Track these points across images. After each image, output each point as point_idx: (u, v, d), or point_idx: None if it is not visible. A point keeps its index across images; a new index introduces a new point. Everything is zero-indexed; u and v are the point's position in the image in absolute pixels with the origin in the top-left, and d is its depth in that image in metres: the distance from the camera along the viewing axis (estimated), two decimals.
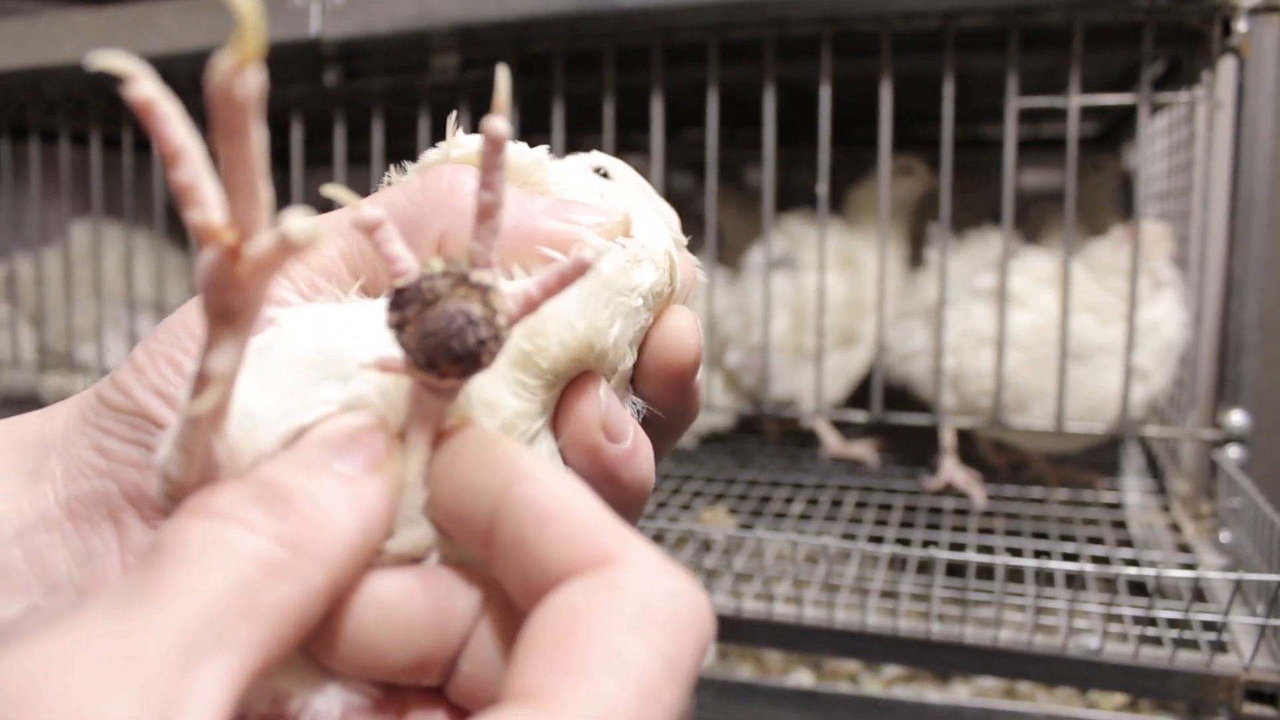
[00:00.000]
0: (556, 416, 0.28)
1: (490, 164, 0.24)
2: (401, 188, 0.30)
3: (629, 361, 0.30)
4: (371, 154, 1.04)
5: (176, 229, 1.29)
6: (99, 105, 1.16)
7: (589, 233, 0.29)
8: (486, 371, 0.24)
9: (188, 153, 0.21)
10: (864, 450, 1.18)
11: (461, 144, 0.33)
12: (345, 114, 1.06)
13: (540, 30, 0.93)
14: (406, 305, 0.23)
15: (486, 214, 0.24)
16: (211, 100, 0.20)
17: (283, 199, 1.27)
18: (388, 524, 0.23)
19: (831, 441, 1.21)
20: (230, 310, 0.21)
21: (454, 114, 0.32)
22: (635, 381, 0.31)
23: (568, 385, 0.28)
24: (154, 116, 0.21)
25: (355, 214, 0.24)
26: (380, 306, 0.25)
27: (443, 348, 0.23)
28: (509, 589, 0.23)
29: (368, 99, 1.03)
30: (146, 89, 0.20)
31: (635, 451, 0.29)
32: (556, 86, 0.97)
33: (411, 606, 0.23)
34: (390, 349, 0.24)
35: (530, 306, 0.25)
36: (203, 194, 0.21)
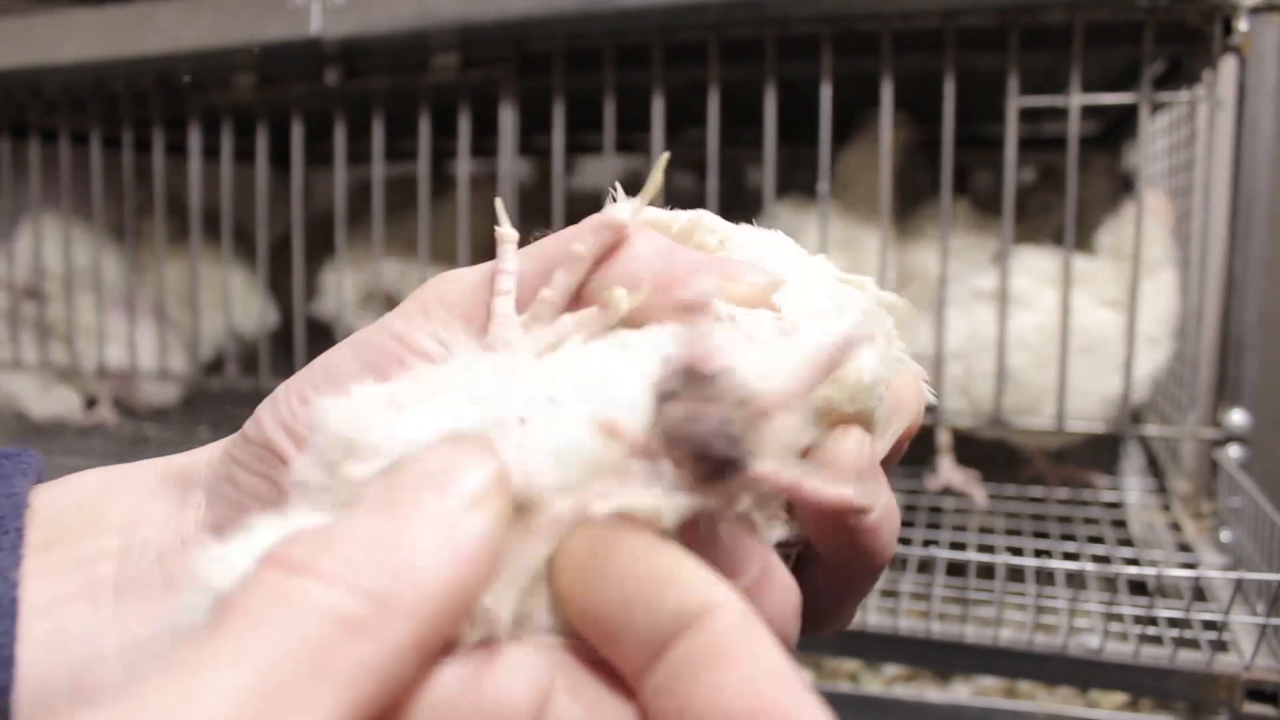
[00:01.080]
0: None
1: (839, 352, 0.22)
2: (554, 239, 0.29)
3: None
4: (372, 153, 1.05)
5: (177, 225, 1.29)
6: (99, 105, 1.16)
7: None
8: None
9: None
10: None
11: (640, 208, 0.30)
12: (346, 113, 1.06)
13: (541, 29, 0.93)
14: (690, 386, 0.21)
15: (825, 366, 0.23)
16: None
17: (283, 198, 1.28)
18: (489, 569, 0.20)
19: None
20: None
21: (616, 184, 0.30)
22: (794, 510, 0.26)
23: None
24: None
25: (683, 292, 0.23)
26: (636, 364, 0.24)
27: (700, 440, 0.21)
28: (640, 698, 0.21)
29: (368, 98, 1.03)
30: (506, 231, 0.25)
31: (755, 596, 0.23)
32: (557, 86, 0.97)
33: (469, 704, 0.20)
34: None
35: (791, 493, 0.23)
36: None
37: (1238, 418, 0.86)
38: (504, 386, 0.24)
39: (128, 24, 1.03)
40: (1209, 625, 0.69)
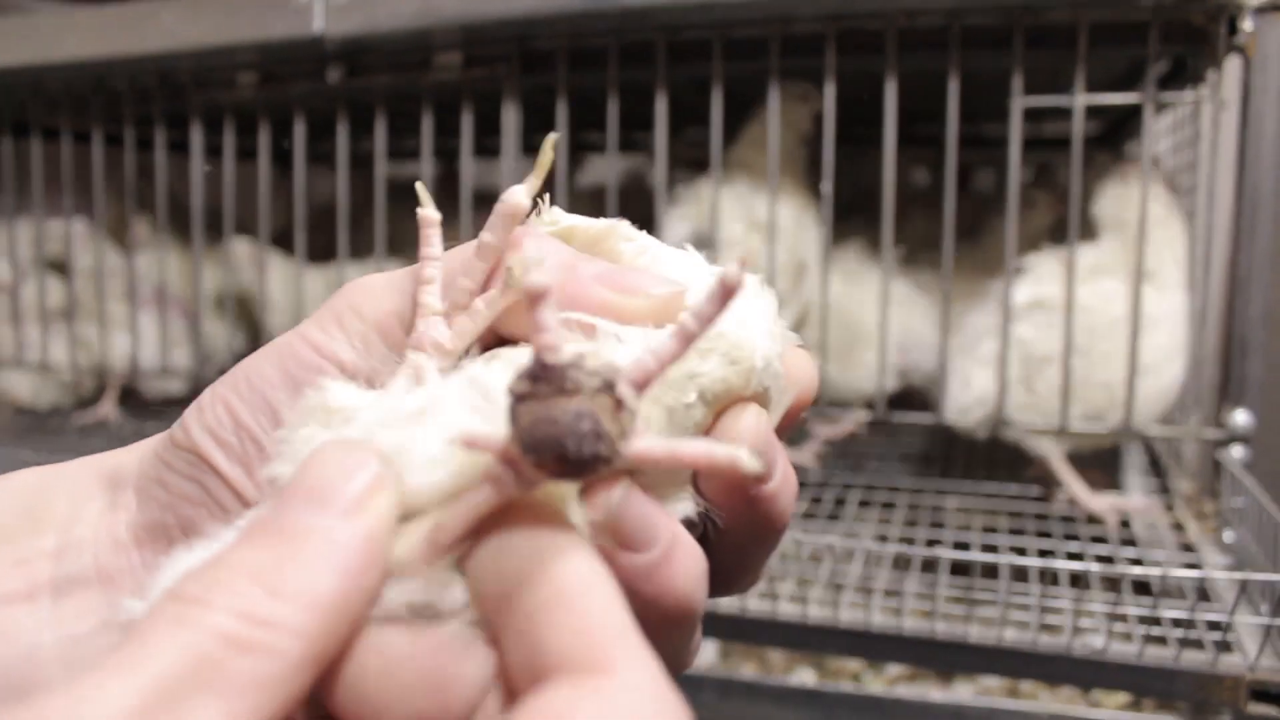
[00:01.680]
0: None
1: (717, 301, 0.22)
2: (459, 249, 0.30)
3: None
4: (374, 152, 1.04)
5: (178, 225, 1.29)
6: (101, 103, 1.15)
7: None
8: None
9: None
10: (805, 455, 1.13)
11: (556, 221, 0.31)
12: (348, 112, 1.06)
13: (544, 28, 0.93)
14: (541, 382, 0.21)
15: (683, 339, 0.23)
16: None
17: (284, 197, 1.28)
18: (377, 569, 0.22)
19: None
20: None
21: (547, 196, 0.31)
22: (698, 484, 0.28)
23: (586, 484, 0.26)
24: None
25: (532, 273, 0.22)
26: (489, 374, 0.24)
27: (555, 441, 0.21)
28: (508, 665, 0.22)
29: (370, 97, 1.03)
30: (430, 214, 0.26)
31: (665, 564, 0.25)
32: (560, 84, 0.96)
33: (414, 666, 0.22)
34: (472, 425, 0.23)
35: (669, 461, 0.23)
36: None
37: (1241, 418, 0.86)
38: (399, 401, 0.25)
39: (130, 22, 1.03)
40: (1213, 626, 0.69)
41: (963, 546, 0.84)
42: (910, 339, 1.15)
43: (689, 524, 0.28)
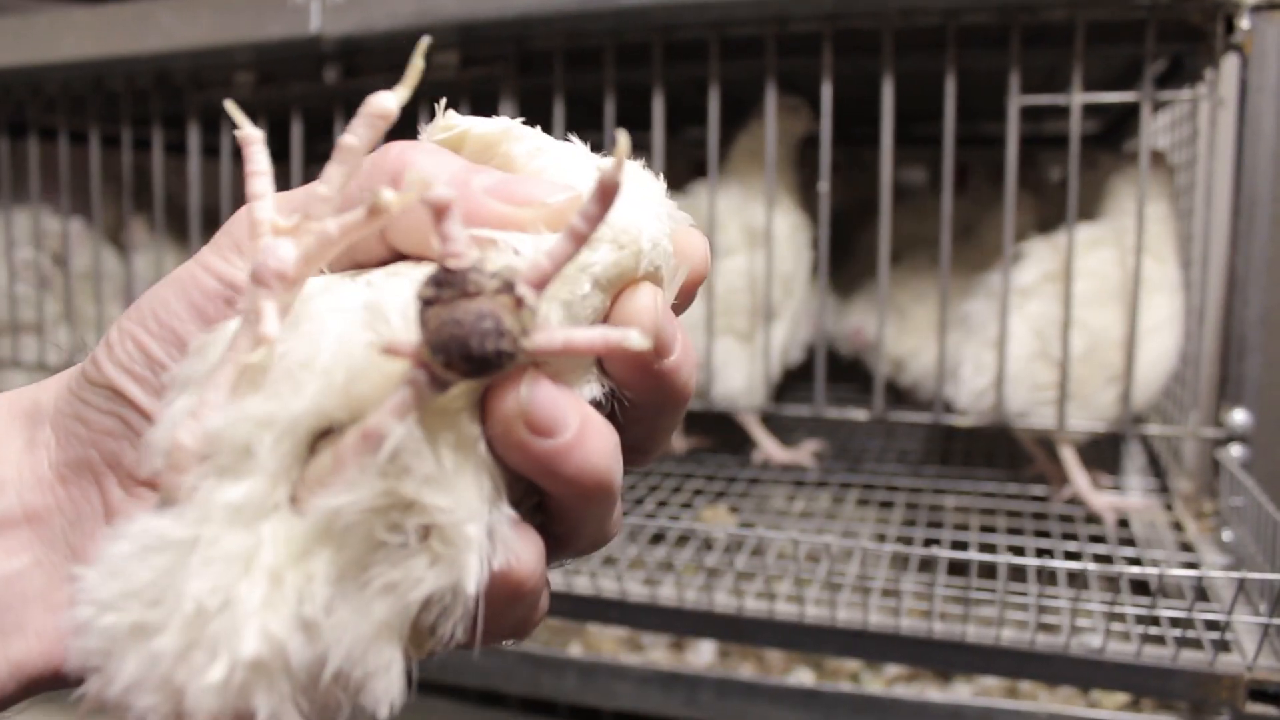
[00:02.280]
0: (483, 409, 0.27)
1: (600, 201, 0.24)
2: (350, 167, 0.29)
3: None
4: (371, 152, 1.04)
5: (175, 225, 1.29)
6: (98, 103, 1.15)
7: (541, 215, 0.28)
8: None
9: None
10: (804, 455, 1.15)
11: (453, 126, 0.32)
12: (345, 112, 1.06)
13: (541, 27, 0.93)
14: (445, 287, 0.23)
15: (574, 239, 0.24)
16: None
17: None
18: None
19: (768, 446, 1.14)
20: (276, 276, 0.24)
21: (443, 99, 0.32)
22: (603, 364, 0.30)
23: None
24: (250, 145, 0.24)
25: (428, 192, 0.24)
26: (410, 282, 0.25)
27: (460, 341, 0.23)
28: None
29: (368, 97, 1.03)
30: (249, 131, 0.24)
31: (579, 444, 0.27)
32: (557, 84, 0.96)
33: None
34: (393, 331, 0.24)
35: (566, 350, 0.25)
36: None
37: (1239, 417, 0.86)
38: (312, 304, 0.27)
39: (127, 22, 1.03)
40: (1212, 625, 0.69)
41: (960, 546, 0.84)
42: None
43: (597, 404, 0.29)
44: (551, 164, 0.31)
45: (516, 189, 0.28)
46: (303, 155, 1.08)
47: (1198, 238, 0.89)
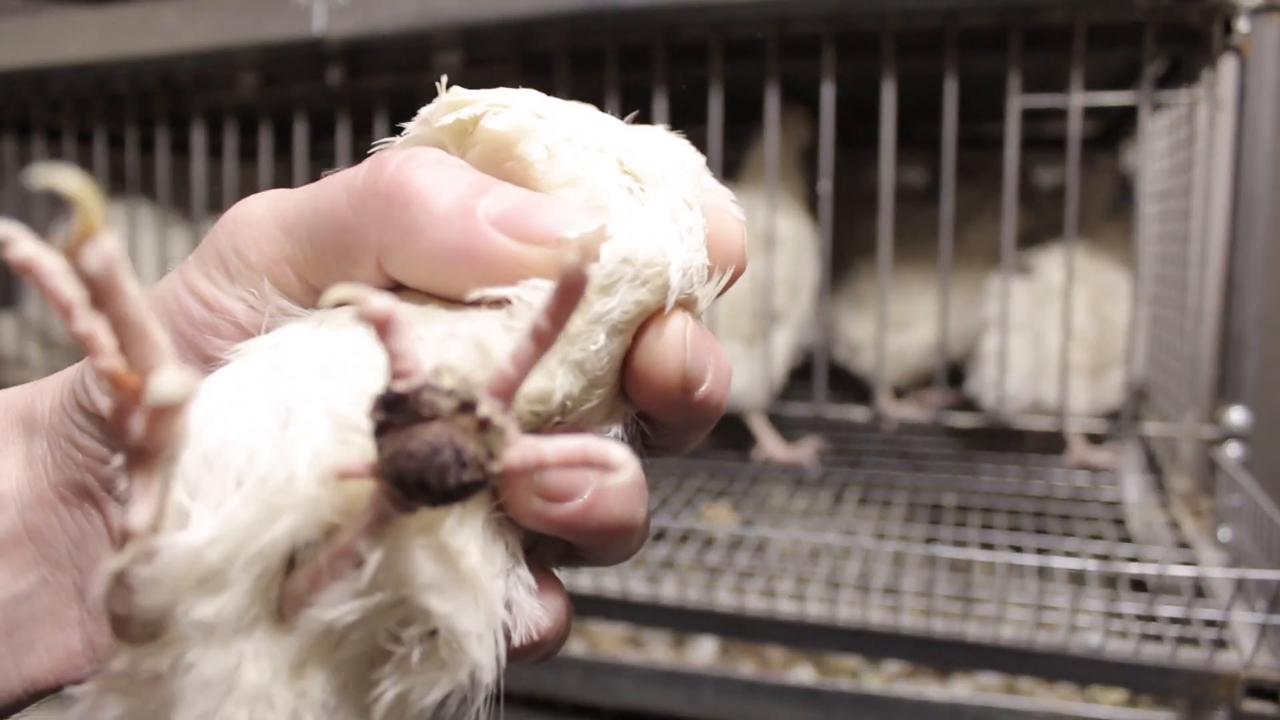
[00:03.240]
0: None
1: (563, 299, 0.21)
2: (344, 181, 0.26)
3: (601, 392, 0.26)
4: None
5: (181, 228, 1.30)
6: (103, 104, 1.16)
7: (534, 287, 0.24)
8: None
9: (75, 306, 0.19)
10: (805, 453, 1.16)
11: (460, 104, 0.28)
12: (348, 112, 1.06)
13: (543, 29, 0.93)
14: (396, 411, 0.20)
15: (540, 342, 0.21)
16: (69, 273, 0.19)
17: None
18: None
19: (771, 445, 1.16)
20: (144, 453, 0.20)
21: (445, 76, 0.28)
22: (627, 395, 0.27)
23: None
24: (37, 274, 0.19)
25: (365, 305, 0.21)
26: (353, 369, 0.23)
27: (417, 476, 0.20)
28: None
29: (371, 97, 1.04)
30: (24, 249, 0.19)
31: (598, 501, 0.25)
32: (559, 85, 0.97)
33: None
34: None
35: (540, 467, 0.22)
36: (100, 342, 0.20)
37: (1237, 416, 0.86)
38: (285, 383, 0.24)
39: (131, 23, 1.03)
40: (1210, 623, 0.69)
41: (960, 544, 0.84)
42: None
43: (618, 437, 0.27)
44: (574, 166, 0.26)
45: (531, 221, 0.25)
46: (306, 155, 1.08)
47: (1196, 238, 0.89)
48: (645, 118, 0.33)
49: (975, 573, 0.78)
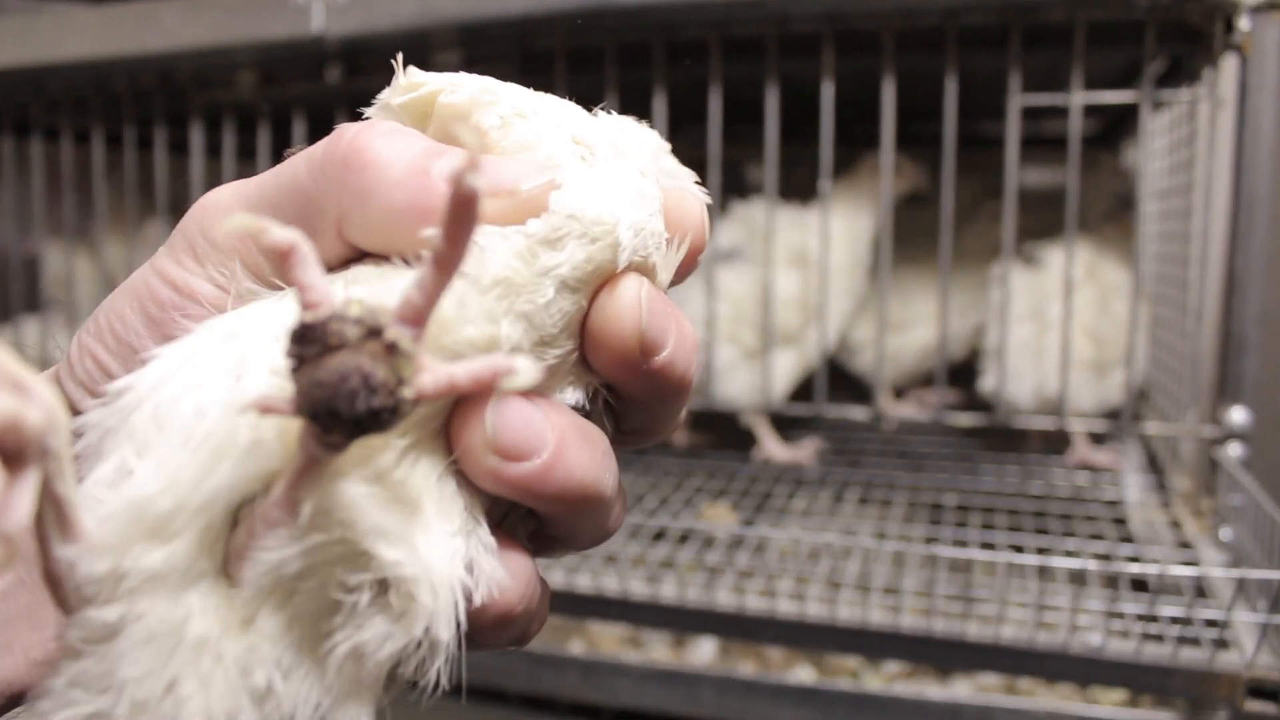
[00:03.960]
0: (447, 437, 0.25)
1: (456, 217, 0.21)
2: (305, 155, 0.27)
3: (556, 352, 0.26)
4: None
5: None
6: (101, 103, 1.16)
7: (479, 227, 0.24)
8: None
9: None
10: (805, 453, 1.15)
11: (417, 85, 0.28)
12: (347, 111, 1.06)
13: (542, 27, 0.93)
14: (306, 344, 0.21)
15: (440, 267, 0.21)
16: None
17: None
18: None
19: (770, 445, 1.16)
20: (10, 457, 0.20)
21: (399, 55, 0.29)
22: (589, 363, 0.27)
23: (458, 398, 0.25)
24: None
25: (266, 236, 0.21)
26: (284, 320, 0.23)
27: (327, 405, 0.20)
28: None
29: (369, 97, 1.03)
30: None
31: (556, 463, 0.25)
32: (558, 84, 0.97)
33: None
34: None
35: (451, 390, 0.22)
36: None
37: (1238, 415, 0.86)
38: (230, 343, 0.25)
39: (130, 22, 1.03)
40: (1210, 623, 0.69)
41: (961, 544, 0.84)
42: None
43: (580, 408, 0.27)
44: (528, 135, 0.27)
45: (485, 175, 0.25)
46: None
47: (1196, 237, 0.89)
48: (645, 116, 0.33)
49: (975, 572, 0.78)
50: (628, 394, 0.28)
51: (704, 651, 0.91)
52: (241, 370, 0.24)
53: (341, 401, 0.20)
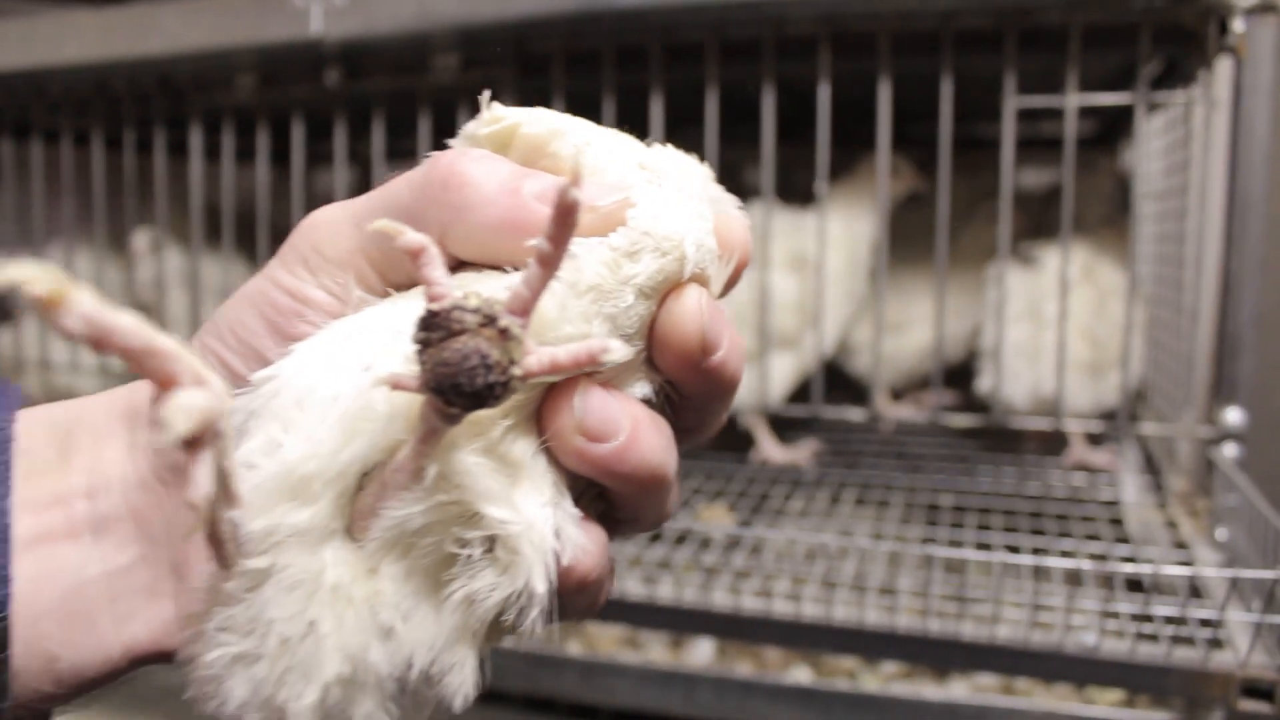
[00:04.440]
0: (539, 420, 0.29)
1: (560, 222, 0.25)
2: (406, 178, 0.31)
3: (631, 350, 0.30)
4: (372, 154, 1.05)
5: (180, 228, 1.30)
6: (101, 105, 1.16)
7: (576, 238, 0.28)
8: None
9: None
10: (802, 455, 1.16)
11: (499, 119, 0.32)
12: (346, 114, 1.06)
13: (540, 30, 0.94)
14: (432, 330, 0.25)
15: (544, 264, 0.25)
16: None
17: (283, 198, 1.28)
18: None
19: (768, 447, 1.17)
20: (190, 443, 0.24)
21: (487, 92, 0.33)
22: (654, 362, 0.31)
23: (549, 387, 0.29)
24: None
25: (402, 238, 0.25)
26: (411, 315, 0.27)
27: (451, 381, 0.24)
28: None
29: (369, 99, 1.04)
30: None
31: (631, 445, 0.29)
32: (556, 86, 0.97)
33: None
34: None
35: (554, 369, 0.26)
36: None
37: (1234, 416, 0.86)
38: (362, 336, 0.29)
39: (130, 25, 1.03)
40: (1205, 623, 0.69)
41: (956, 544, 0.85)
42: None
43: (648, 400, 0.31)
44: (600, 161, 0.32)
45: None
46: (304, 157, 1.08)
47: (1191, 238, 0.89)
48: (642, 119, 0.35)
49: (971, 573, 0.78)
50: (686, 391, 0.32)
51: (702, 652, 0.91)
52: (368, 361, 0.28)
53: (463, 378, 0.24)
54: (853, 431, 1.28)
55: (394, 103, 1.05)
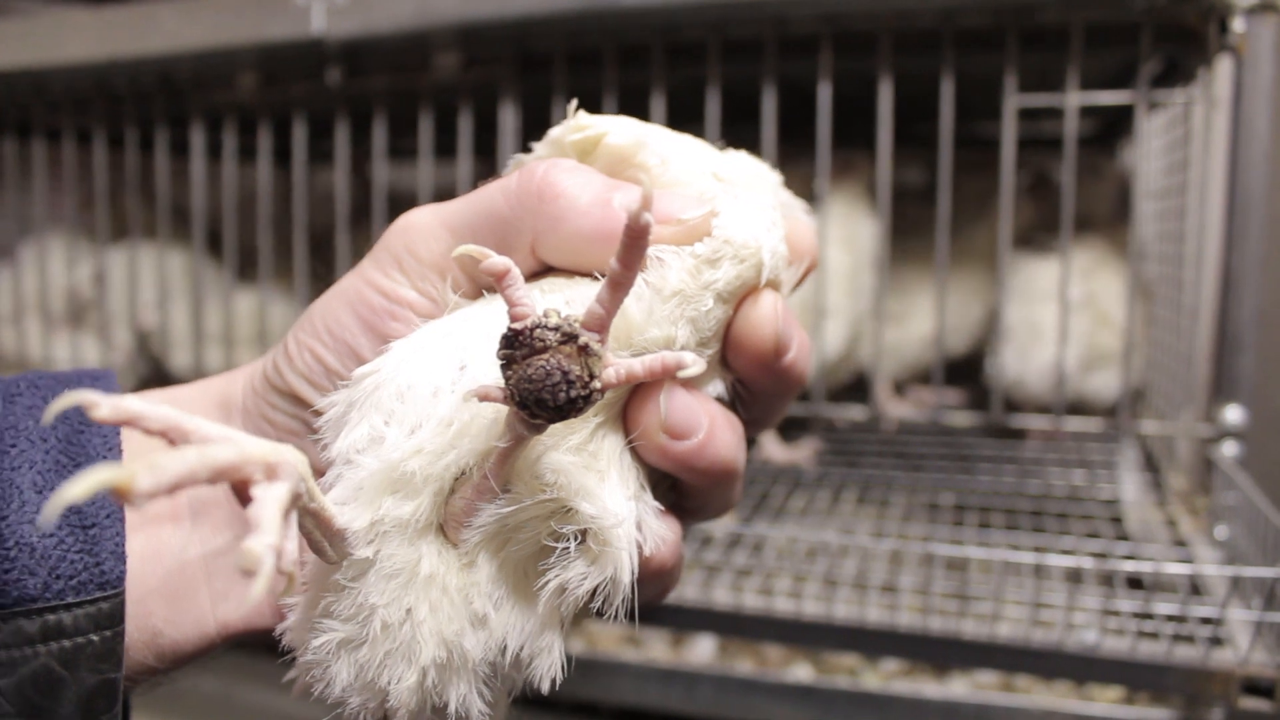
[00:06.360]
0: (625, 419, 0.31)
1: (631, 246, 0.26)
2: (500, 186, 0.32)
3: (709, 352, 0.32)
4: (373, 152, 1.05)
5: (182, 230, 1.30)
6: (102, 104, 1.16)
7: (662, 248, 0.30)
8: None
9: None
10: (804, 454, 1.16)
11: (585, 126, 0.34)
12: (347, 112, 1.06)
13: (541, 29, 0.94)
14: (516, 347, 0.26)
15: (616, 286, 0.27)
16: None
17: (284, 197, 1.28)
18: None
19: (770, 446, 1.17)
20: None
21: (574, 101, 0.34)
22: (727, 362, 0.33)
23: (634, 388, 0.31)
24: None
25: (486, 262, 0.27)
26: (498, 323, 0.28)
27: (535, 395, 0.26)
28: None
29: (370, 98, 1.04)
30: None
31: (709, 441, 0.31)
32: (558, 85, 0.97)
33: None
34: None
35: (630, 379, 0.27)
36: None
37: (1233, 414, 0.86)
38: (445, 347, 0.31)
39: (131, 24, 1.03)
40: (1205, 621, 0.70)
41: (957, 543, 0.85)
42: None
43: (720, 399, 0.33)
44: (682, 172, 0.33)
45: (656, 207, 0.30)
46: (305, 156, 1.08)
47: (1191, 237, 0.89)
48: (643, 118, 0.36)
49: (972, 571, 0.78)
50: (757, 388, 0.34)
51: (702, 650, 0.91)
52: (464, 360, 0.30)
53: (546, 393, 0.26)
54: (854, 430, 1.28)
55: (395, 101, 1.05)
